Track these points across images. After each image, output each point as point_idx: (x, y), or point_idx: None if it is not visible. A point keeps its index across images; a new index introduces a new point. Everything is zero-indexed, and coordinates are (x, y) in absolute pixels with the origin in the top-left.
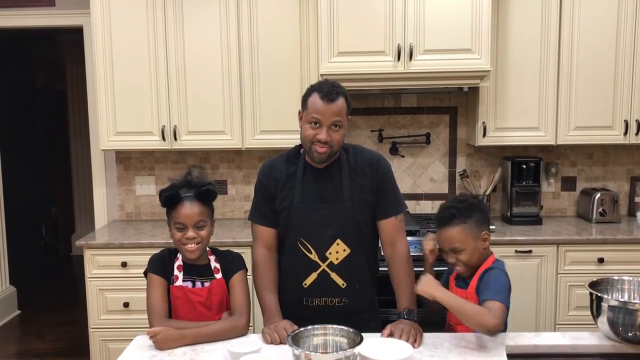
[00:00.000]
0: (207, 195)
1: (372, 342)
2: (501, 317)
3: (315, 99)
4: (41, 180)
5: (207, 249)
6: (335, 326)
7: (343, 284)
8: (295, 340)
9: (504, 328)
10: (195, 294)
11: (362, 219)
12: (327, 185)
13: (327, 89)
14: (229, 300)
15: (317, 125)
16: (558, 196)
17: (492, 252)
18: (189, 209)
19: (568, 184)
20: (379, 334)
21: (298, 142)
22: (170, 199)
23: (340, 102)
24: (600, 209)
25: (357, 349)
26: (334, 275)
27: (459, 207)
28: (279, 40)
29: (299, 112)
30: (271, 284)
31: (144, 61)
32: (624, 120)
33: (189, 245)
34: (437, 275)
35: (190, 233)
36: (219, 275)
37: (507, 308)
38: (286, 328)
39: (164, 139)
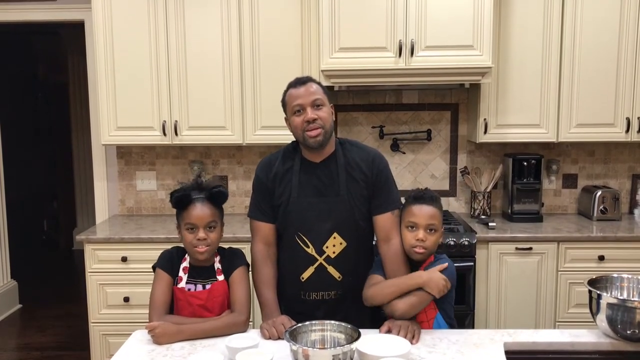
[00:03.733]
0: (218, 196)
1: (369, 338)
2: None
3: (290, 92)
4: (42, 174)
5: None
6: (333, 322)
7: (339, 277)
8: (293, 336)
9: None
10: (195, 297)
11: (358, 213)
12: (324, 179)
13: (296, 79)
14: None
15: (301, 111)
16: (559, 193)
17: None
18: (200, 210)
19: (569, 181)
20: (377, 330)
21: None
22: (181, 200)
23: (313, 84)
24: (601, 207)
25: (355, 345)
26: (330, 269)
27: (437, 198)
28: (280, 35)
29: (285, 119)
30: (270, 280)
31: (145, 56)
32: (626, 118)
33: (200, 247)
34: None
35: (201, 234)
36: (221, 277)
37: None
38: (284, 323)
39: (164, 134)
